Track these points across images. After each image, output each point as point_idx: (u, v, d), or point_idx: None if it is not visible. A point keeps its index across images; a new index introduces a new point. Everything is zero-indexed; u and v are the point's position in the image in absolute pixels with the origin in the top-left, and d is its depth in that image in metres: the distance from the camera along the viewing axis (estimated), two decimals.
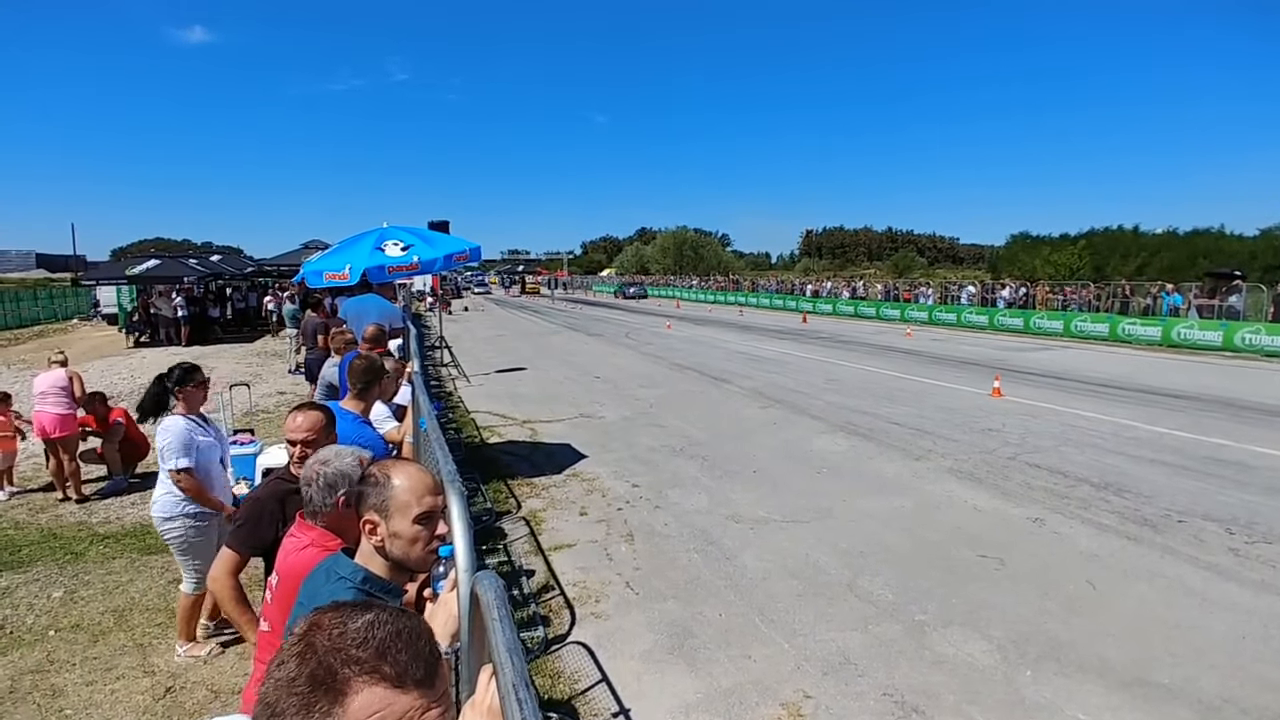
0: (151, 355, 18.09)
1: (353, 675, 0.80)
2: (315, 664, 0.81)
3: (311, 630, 0.85)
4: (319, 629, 0.84)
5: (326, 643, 0.82)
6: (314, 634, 0.84)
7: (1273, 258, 42.32)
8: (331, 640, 0.82)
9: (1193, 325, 20.66)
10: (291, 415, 2.72)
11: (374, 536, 1.64)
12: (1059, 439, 8.99)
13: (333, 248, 8.48)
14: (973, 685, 3.80)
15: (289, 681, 0.80)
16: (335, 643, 0.82)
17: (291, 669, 0.81)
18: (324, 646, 0.82)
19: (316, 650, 0.82)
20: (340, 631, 0.83)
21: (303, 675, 0.80)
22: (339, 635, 0.83)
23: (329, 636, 0.83)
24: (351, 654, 0.81)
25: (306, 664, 0.81)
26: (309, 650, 0.82)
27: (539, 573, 5.28)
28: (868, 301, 35.86)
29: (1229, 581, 5.00)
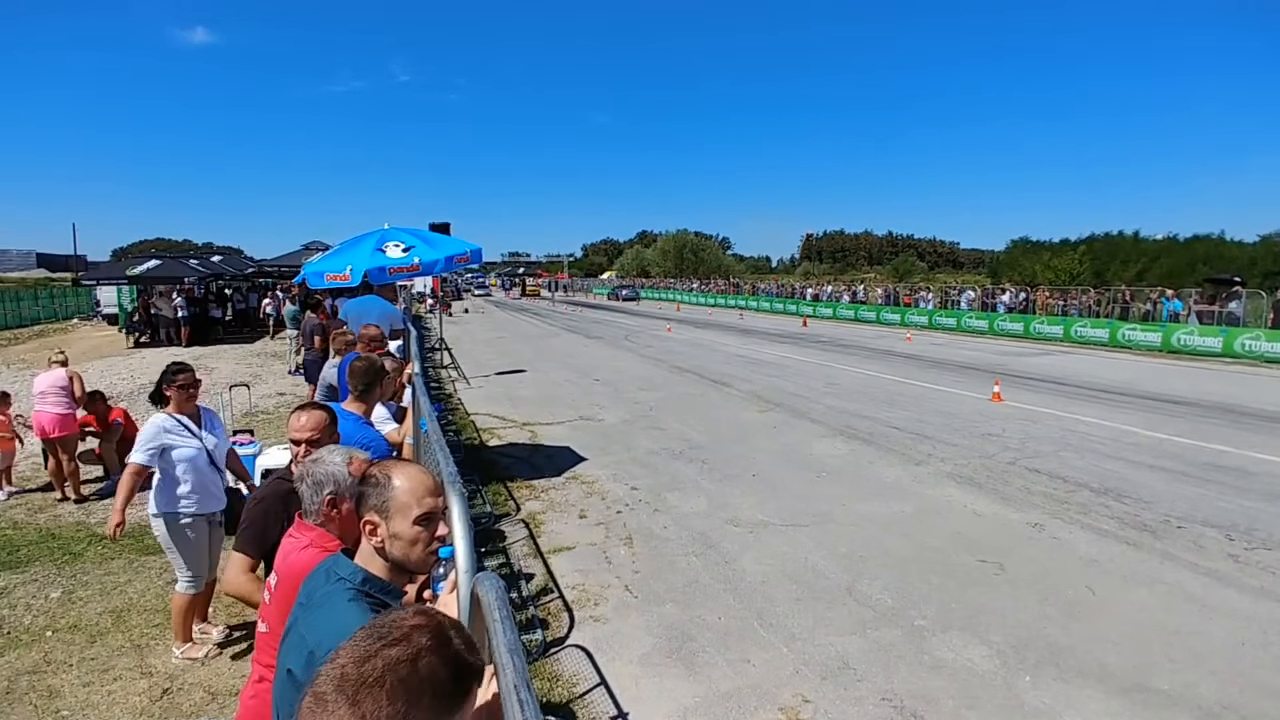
0: (151, 355, 18.07)
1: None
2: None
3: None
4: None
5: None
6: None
7: (1272, 264, 42.40)
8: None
9: (1193, 331, 20.67)
10: (295, 415, 2.73)
11: (374, 537, 1.64)
12: (1059, 444, 8.99)
13: (334, 249, 8.49)
14: (972, 690, 3.79)
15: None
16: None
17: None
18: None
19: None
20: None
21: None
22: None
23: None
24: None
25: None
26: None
27: (538, 575, 5.27)
28: (868, 306, 35.87)
29: (1228, 588, 5.00)
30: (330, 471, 2.03)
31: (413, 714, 0.84)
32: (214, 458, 4.23)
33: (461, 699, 0.91)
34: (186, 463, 4.07)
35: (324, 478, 2.03)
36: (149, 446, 4.02)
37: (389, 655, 0.86)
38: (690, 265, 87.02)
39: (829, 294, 41.59)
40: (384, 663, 0.85)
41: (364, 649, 0.87)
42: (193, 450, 4.11)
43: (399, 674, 0.85)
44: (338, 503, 2.02)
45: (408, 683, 0.85)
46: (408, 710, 0.84)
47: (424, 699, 0.86)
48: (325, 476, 2.03)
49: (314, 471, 2.05)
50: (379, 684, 0.84)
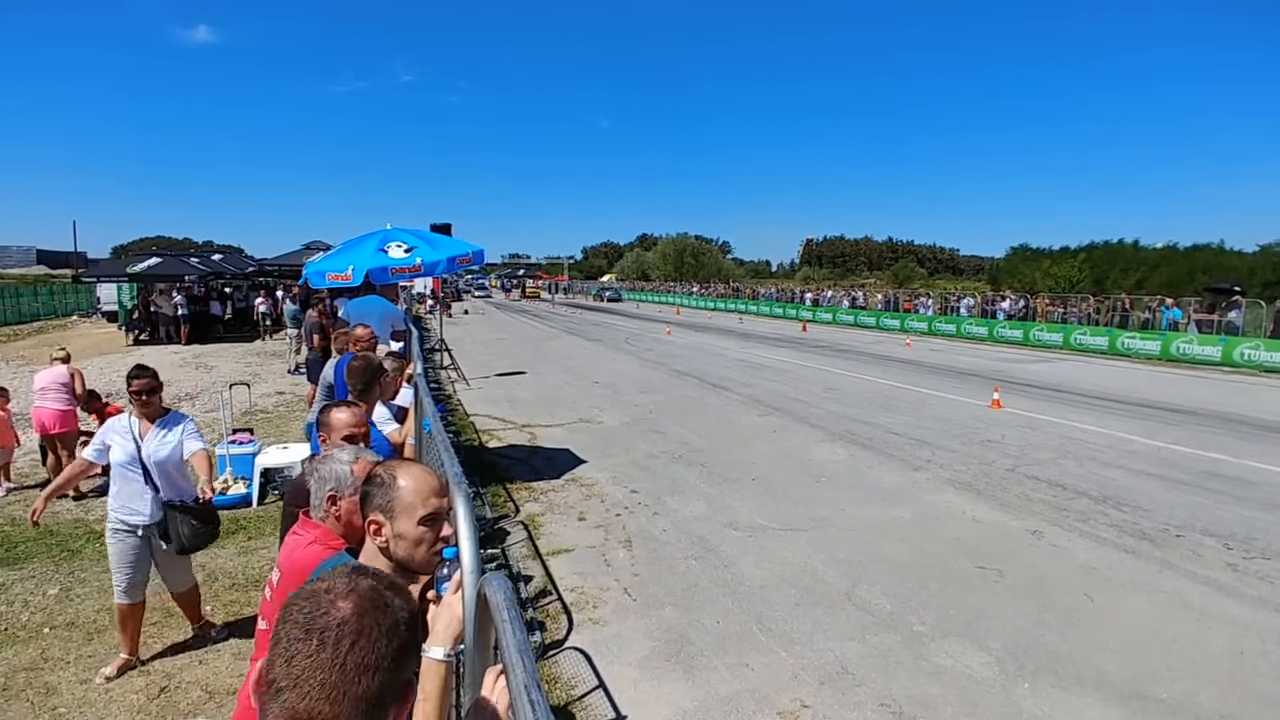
0: (151, 353, 18.07)
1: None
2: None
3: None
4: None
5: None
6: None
7: (1271, 273, 42.45)
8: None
9: (1192, 340, 20.69)
10: (335, 413, 2.78)
11: (378, 537, 1.64)
12: (1058, 451, 9.00)
13: (336, 248, 8.49)
14: (970, 697, 3.79)
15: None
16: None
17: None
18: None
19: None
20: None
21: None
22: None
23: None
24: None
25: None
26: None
27: (536, 577, 5.27)
28: (868, 311, 35.89)
29: (1227, 596, 5.00)
30: (334, 469, 2.05)
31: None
32: (148, 468, 3.95)
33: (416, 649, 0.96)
34: (116, 467, 3.96)
35: (327, 474, 2.05)
36: (96, 444, 4.05)
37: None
38: (690, 269, 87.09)
39: (829, 299, 41.61)
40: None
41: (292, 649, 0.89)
42: (122, 456, 3.95)
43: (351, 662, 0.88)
44: (336, 500, 2.04)
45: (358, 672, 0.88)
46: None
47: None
48: (329, 473, 2.05)
49: (320, 468, 2.07)
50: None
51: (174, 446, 4.08)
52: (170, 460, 4.05)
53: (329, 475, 2.06)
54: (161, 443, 4.04)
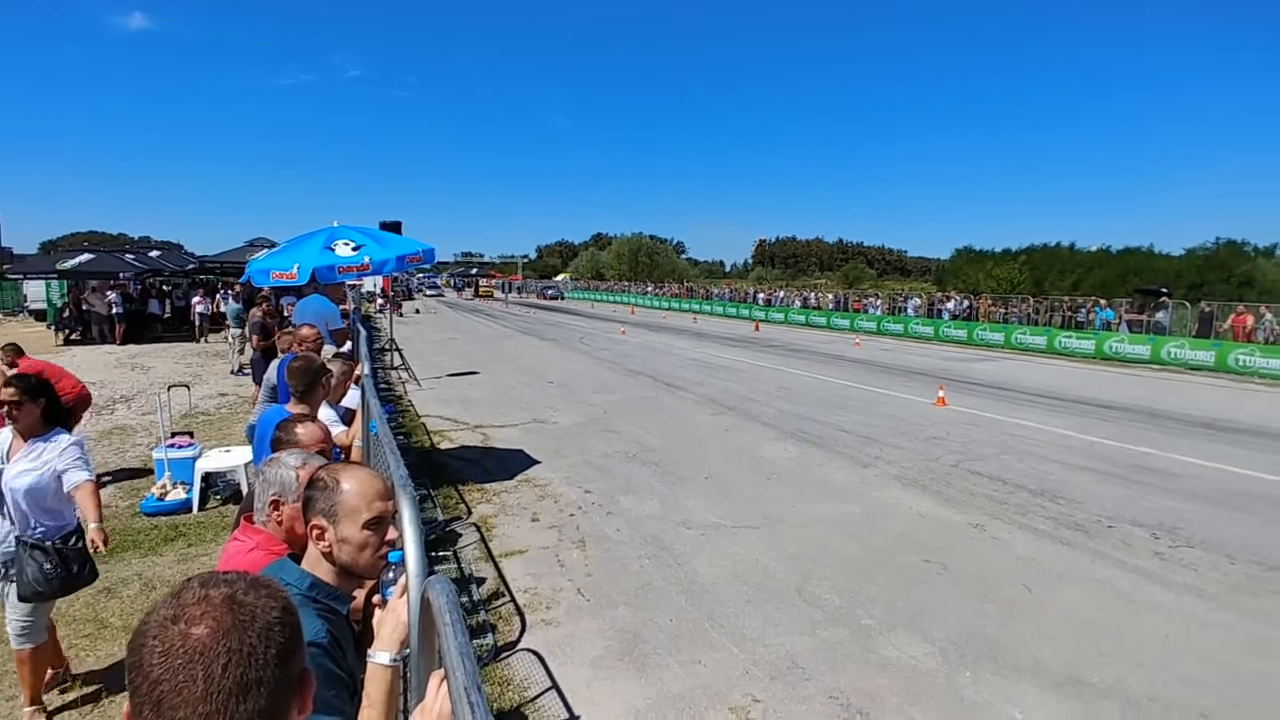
0: (83, 353, 17.29)
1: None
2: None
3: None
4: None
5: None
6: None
7: (1196, 276, 44.65)
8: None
9: (1123, 339, 21.65)
10: (298, 429, 2.55)
11: (321, 542, 1.60)
12: (999, 447, 9.31)
13: (280, 246, 8.26)
14: (915, 687, 3.90)
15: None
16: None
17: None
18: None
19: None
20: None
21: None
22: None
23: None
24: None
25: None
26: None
27: (489, 579, 5.22)
28: (819, 311, 36.55)
29: (1154, 584, 5.25)
30: (280, 474, 2.00)
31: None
32: (2, 494, 3.34)
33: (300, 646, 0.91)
34: None
35: (273, 478, 2.00)
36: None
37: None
38: (645, 268, 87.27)
39: (781, 299, 42.22)
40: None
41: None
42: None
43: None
44: (280, 505, 1.99)
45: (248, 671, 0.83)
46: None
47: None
48: (274, 478, 2.00)
49: (266, 471, 2.02)
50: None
51: (43, 475, 3.34)
52: (36, 491, 3.32)
53: (274, 479, 2.01)
54: (27, 468, 3.32)
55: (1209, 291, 36.21)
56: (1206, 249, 50.15)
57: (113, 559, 5.29)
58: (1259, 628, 4.64)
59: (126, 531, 5.86)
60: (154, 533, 5.86)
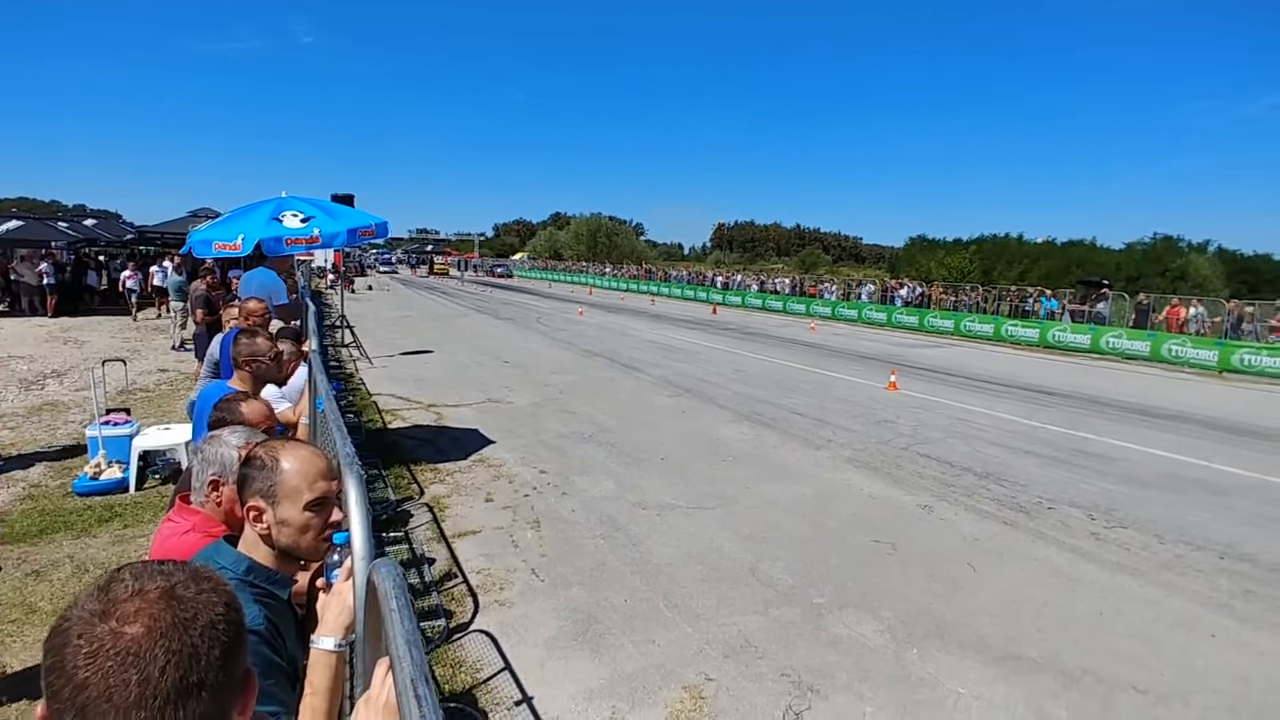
0: (11, 326, 16.42)
1: None
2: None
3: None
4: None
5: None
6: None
7: (1134, 269, 46.50)
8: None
9: (1066, 329, 22.42)
10: (244, 407, 2.44)
11: (259, 524, 1.53)
12: (947, 431, 9.55)
13: (224, 216, 7.92)
14: (864, 664, 3.98)
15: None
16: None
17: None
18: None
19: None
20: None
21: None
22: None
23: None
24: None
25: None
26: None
27: (441, 560, 5.14)
28: (775, 295, 36.90)
29: (1090, 563, 5.46)
30: (220, 451, 1.89)
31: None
32: None
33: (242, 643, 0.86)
34: None
35: (212, 457, 1.90)
36: None
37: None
38: (604, 249, 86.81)
39: (738, 283, 42.49)
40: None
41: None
42: None
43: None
44: (219, 485, 1.89)
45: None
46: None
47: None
48: (213, 456, 1.90)
49: (205, 449, 1.91)
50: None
51: None
52: None
53: (213, 458, 1.91)
54: None
55: (1146, 284, 37.72)
56: (1144, 244, 52.31)
57: (42, 540, 5.06)
58: (1185, 604, 4.87)
59: (57, 512, 5.59)
60: (87, 513, 5.60)
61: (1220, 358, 18.20)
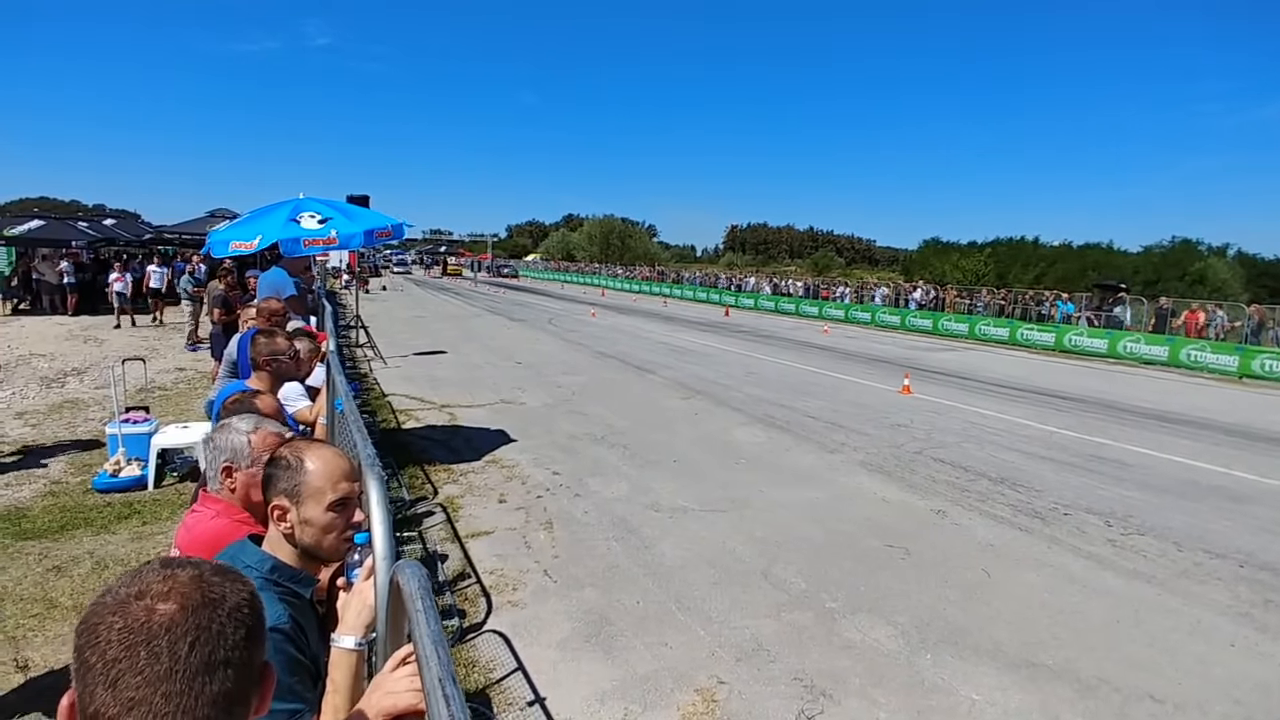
0: (32, 324, 16.68)
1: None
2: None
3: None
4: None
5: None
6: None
7: (1152, 273, 46.03)
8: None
9: (1082, 333, 22.21)
10: (258, 401, 2.52)
11: (283, 523, 1.55)
12: (961, 435, 9.49)
13: (243, 217, 8.01)
14: (878, 669, 3.97)
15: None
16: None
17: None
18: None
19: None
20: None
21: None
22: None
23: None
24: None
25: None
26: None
27: (455, 560, 5.17)
28: (788, 298, 36.81)
29: (1106, 570, 5.41)
30: (231, 439, 1.94)
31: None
32: None
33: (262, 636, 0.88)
34: None
35: (223, 445, 1.94)
36: None
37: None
38: (616, 251, 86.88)
39: (751, 285, 42.43)
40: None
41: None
42: None
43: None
44: (232, 471, 1.93)
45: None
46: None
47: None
48: (224, 444, 1.94)
49: (216, 438, 1.96)
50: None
51: None
52: None
53: (224, 445, 1.95)
54: None
55: (1164, 288, 37.38)
56: (1163, 247, 51.75)
57: (63, 536, 5.13)
58: (1204, 613, 4.81)
59: (78, 508, 5.67)
60: (107, 510, 5.68)
61: (1240, 363, 17.97)
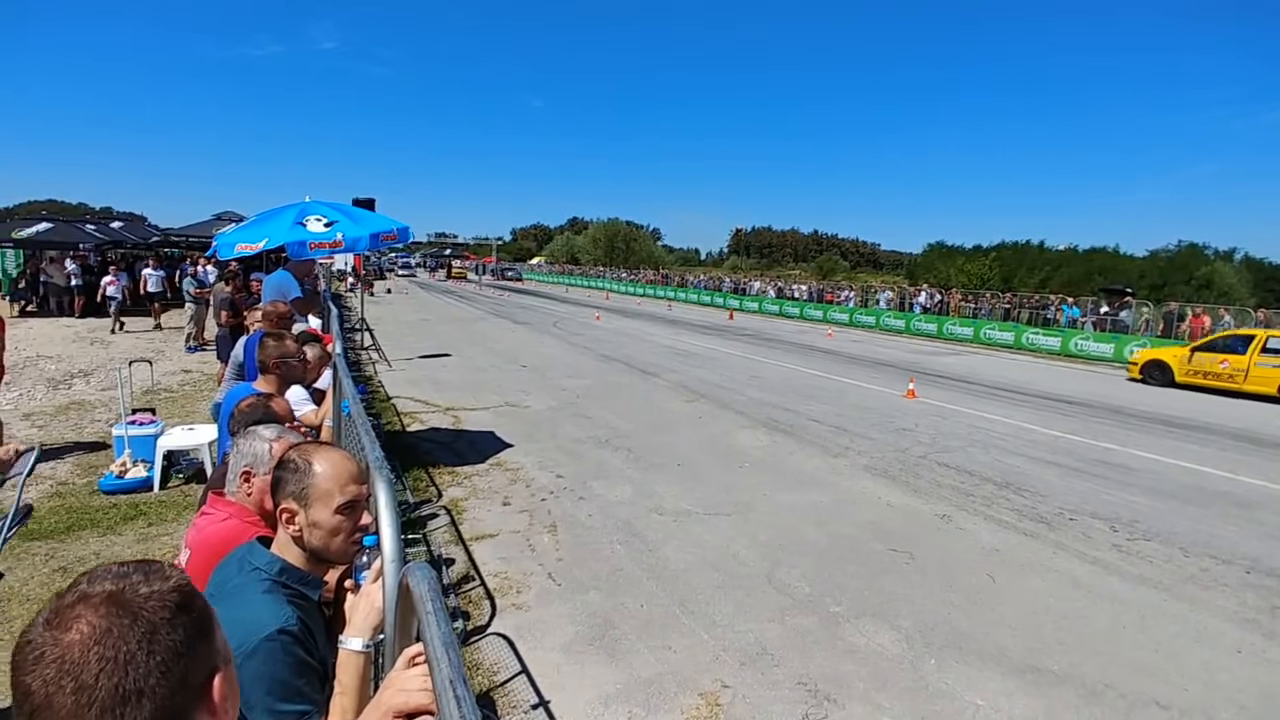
0: (39, 325, 16.76)
1: None
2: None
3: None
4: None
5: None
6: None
7: (1159, 277, 45.86)
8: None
9: (1088, 337, 22.13)
10: (274, 404, 2.58)
11: (291, 525, 1.56)
12: (966, 440, 9.47)
13: (250, 220, 8.05)
14: (882, 674, 3.96)
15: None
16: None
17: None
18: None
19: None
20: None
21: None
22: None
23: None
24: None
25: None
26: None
27: (459, 563, 5.18)
28: (792, 301, 36.79)
29: (1112, 575, 5.39)
30: (253, 445, 1.98)
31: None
32: None
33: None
34: None
35: (246, 450, 1.98)
36: None
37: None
38: (621, 254, 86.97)
39: (755, 289, 42.44)
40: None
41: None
42: None
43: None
44: (251, 477, 1.96)
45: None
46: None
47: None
48: (247, 449, 1.98)
49: (240, 444, 1.99)
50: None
51: None
52: None
53: (246, 451, 2.01)
54: None
55: (1170, 292, 37.22)
56: (1169, 251, 51.55)
57: (69, 537, 5.15)
58: (1210, 619, 4.79)
59: (84, 509, 5.70)
60: (113, 511, 5.70)
61: None
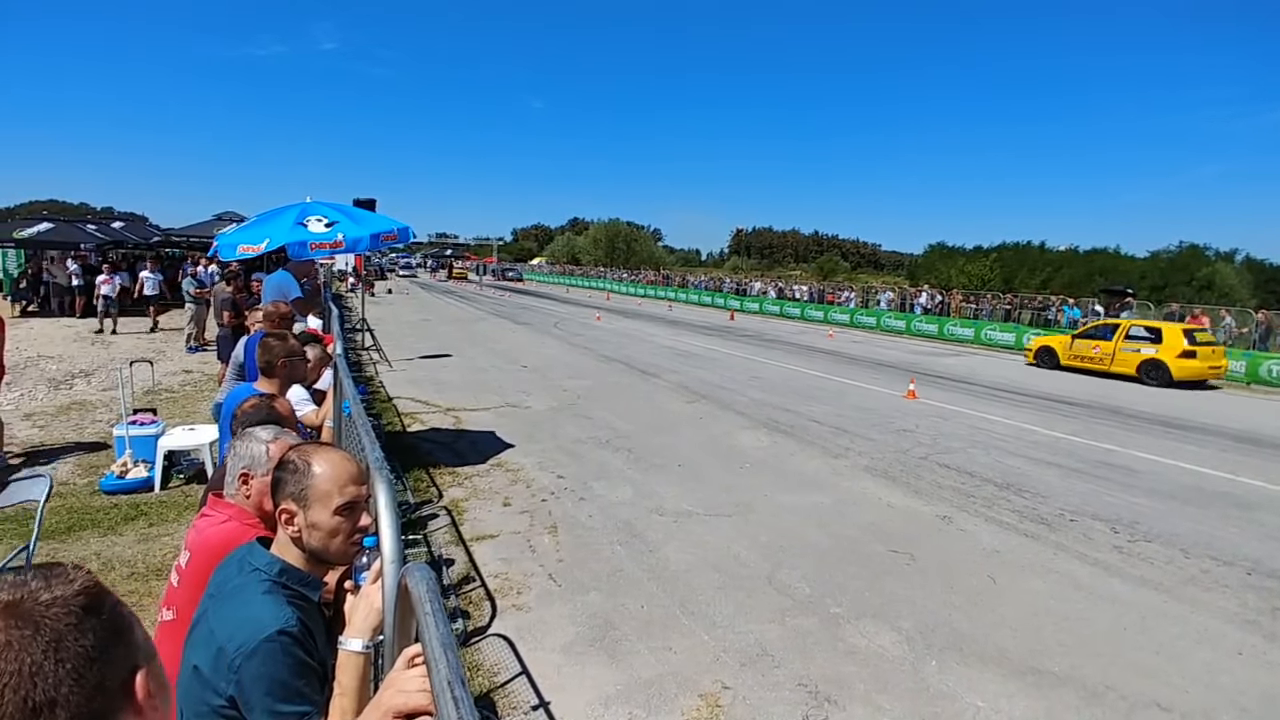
0: (41, 325, 16.78)
1: None
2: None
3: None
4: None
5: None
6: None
7: (1159, 278, 45.84)
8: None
9: None
10: (278, 404, 2.60)
11: (290, 526, 1.56)
12: (967, 441, 9.46)
13: (251, 220, 8.05)
14: (882, 675, 3.96)
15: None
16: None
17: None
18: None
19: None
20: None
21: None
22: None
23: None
24: None
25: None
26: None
27: (459, 563, 5.18)
28: (793, 302, 36.79)
29: (1113, 577, 5.38)
30: (250, 447, 1.98)
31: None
32: None
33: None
34: None
35: (243, 452, 1.98)
36: None
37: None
38: (621, 255, 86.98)
39: (756, 289, 42.45)
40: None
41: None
42: None
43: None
44: (249, 478, 1.96)
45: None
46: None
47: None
48: (244, 451, 1.98)
49: (238, 446, 1.99)
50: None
51: None
52: None
53: (244, 453, 2.01)
54: None
55: (1171, 293, 37.20)
56: (1170, 252, 51.53)
57: (70, 537, 5.16)
58: (1211, 620, 4.79)
59: (85, 509, 5.70)
60: (114, 511, 5.71)
61: (1248, 369, 17.87)
